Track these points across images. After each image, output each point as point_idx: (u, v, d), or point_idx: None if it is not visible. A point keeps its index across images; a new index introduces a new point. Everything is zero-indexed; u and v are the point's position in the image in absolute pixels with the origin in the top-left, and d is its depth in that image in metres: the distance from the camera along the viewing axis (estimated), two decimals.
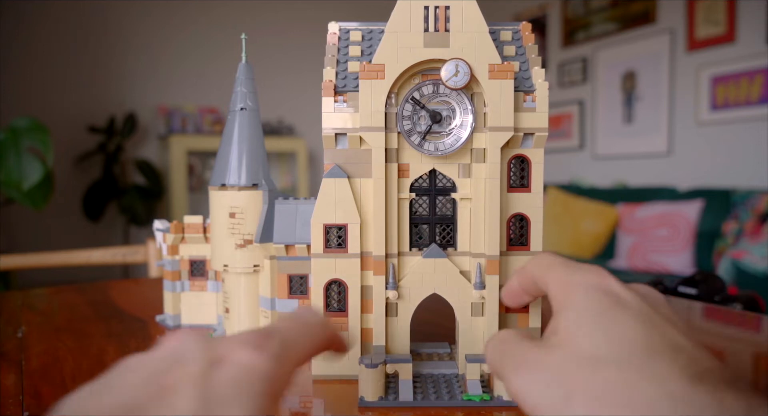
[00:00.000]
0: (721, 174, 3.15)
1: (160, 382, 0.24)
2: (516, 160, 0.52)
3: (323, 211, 0.51)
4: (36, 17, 3.56)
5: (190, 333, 0.28)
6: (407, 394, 0.46)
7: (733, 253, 2.57)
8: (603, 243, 3.32)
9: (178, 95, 3.98)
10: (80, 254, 1.27)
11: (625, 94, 3.69)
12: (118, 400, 0.23)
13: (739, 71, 3.06)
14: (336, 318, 0.52)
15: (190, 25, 4.02)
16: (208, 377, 0.25)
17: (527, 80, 0.52)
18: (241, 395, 0.24)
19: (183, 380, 0.24)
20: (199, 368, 0.25)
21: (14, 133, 1.97)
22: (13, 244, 3.34)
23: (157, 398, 0.23)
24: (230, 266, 0.62)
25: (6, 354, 0.60)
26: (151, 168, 3.80)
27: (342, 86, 0.51)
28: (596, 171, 3.88)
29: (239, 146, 0.62)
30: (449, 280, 0.51)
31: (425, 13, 0.49)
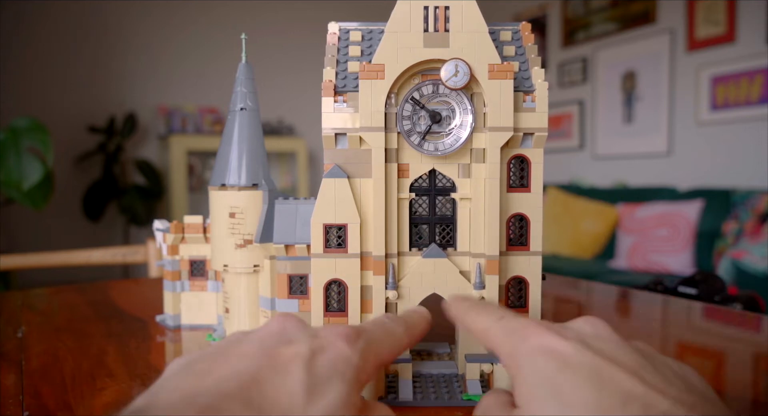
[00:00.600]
0: (721, 174, 3.15)
1: (272, 355, 0.27)
2: (516, 160, 0.52)
3: (323, 211, 0.51)
4: (36, 17, 3.56)
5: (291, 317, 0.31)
6: (407, 394, 0.46)
7: (733, 253, 2.58)
8: (603, 243, 3.32)
9: (178, 95, 3.98)
10: (80, 254, 1.27)
11: (625, 94, 3.69)
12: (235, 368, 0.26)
13: (739, 71, 3.06)
14: (336, 318, 0.52)
15: (190, 25, 4.02)
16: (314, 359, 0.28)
17: (527, 80, 0.52)
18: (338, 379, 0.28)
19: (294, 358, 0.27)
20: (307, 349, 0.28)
21: (14, 133, 1.97)
22: (13, 244, 3.34)
23: (272, 370, 0.26)
24: (230, 266, 0.62)
25: (6, 354, 0.60)
26: (151, 168, 3.80)
27: (342, 86, 0.51)
28: (596, 171, 3.88)
29: (239, 146, 0.62)
30: (449, 280, 0.51)
31: (425, 13, 0.49)
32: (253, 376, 0.25)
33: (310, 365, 0.27)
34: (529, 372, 0.32)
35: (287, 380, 0.26)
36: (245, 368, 0.26)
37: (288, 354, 0.27)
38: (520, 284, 0.52)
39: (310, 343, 0.28)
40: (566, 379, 0.30)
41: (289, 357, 0.27)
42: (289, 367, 0.26)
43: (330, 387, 0.27)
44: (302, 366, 0.27)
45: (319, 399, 0.26)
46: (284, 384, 0.26)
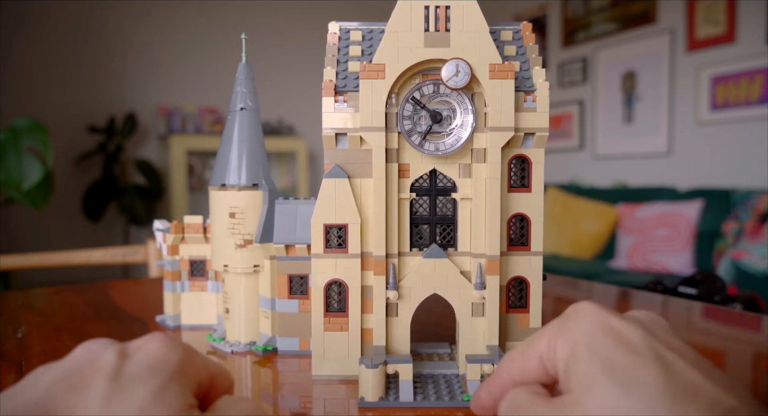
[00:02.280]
0: (721, 174, 3.15)
1: (72, 381, 0.26)
2: (516, 160, 0.52)
3: (323, 211, 0.51)
4: (36, 17, 3.56)
5: (100, 339, 0.30)
6: (407, 394, 0.46)
7: (733, 253, 2.57)
8: (603, 243, 3.32)
9: (178, 95, 3.98)
10: (80, 254, 1.27)
11: (625, 94, 3.69)
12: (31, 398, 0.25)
13: (739, 71, 3.06)
14: (336, 318, 0.52)
15: (190, 25, 4.02)
16: (122, 366, 0.27)
17: (528, 80, 0.52)
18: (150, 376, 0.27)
19: (95, 373, 0.27)
20: (111, 361, 0.27)
21: (14, 133, 1.97)
22: (13, 244, 3.34)
23: (68, 392, 0.26)
24: (230, 266, 0.62)
25: (6, 354, 0.60)
26: (151, 168, 3.80)
27: (342, 86, 0.51)
28: (596, 171, 3.88)
29: (239, 146, 0.62)
30: (449, 280, 0.51)
31: (425, 13, 0.49)
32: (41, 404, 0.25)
33: (116, 373, 0.26)
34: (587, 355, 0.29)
35: (85, 395, 0.25)
36: (42, 398, 0.25)
37: (89, 372, 0.27)
38: (521, 284, 0.52)
39: (116, 354, 0.28)
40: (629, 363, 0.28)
41: (91, 374, 0.27)
42: (90, 383, 0.26)
43: (139, 386, 0.26)
44: (105, 378, 0.26)
45: (125, 401, 0.25)
46: (81, 400, 0.25)
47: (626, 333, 0.29)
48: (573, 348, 0.30)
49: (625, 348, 0.28)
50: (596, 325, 0.30)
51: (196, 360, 0.30)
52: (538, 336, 0.32)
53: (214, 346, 0.63)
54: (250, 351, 0.61)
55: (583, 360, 0.29)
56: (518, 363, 0.33)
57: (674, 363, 0.28)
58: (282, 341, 0.60)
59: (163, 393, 0.26)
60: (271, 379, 0.54)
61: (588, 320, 0.30)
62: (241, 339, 0.62)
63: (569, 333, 0.30)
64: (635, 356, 0.28)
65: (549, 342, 0.31)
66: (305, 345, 0.59)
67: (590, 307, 0.31)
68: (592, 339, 0.29)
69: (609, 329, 0.30)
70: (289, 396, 0.50)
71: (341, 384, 0.51)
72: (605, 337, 0.29)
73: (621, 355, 0.28)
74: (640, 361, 0.28)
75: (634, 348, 0.28)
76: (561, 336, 0.31)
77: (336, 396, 0.49)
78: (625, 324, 0.30)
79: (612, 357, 0.28)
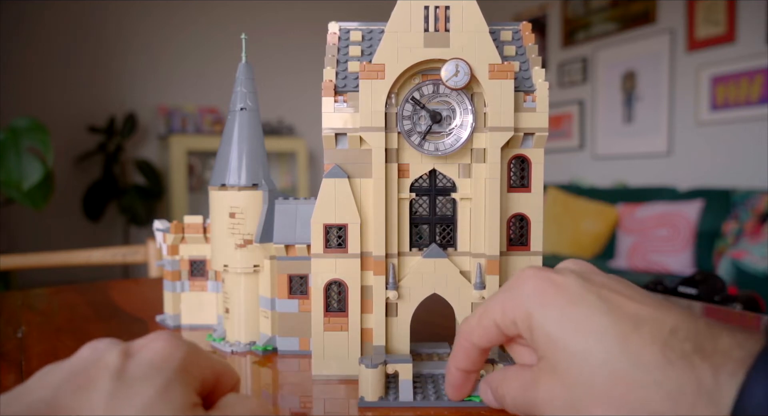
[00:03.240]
0: (721, 174, 3.15)
1: (77, 380, 0.26)
2: (516, 160, 0.52)
3: (323, 211, 0.51)
4: (36, 17, 3.56)
5: (104, 339, 0.30)
6: (407, 394, 0.46)
7: (733, 253, 2.57)
8: (603, 243, 3.32)
9: (178, 95, 3.98)
10: (80, 254, 1.27)
11: (625, 94, 3.69)
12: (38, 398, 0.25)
13: (739, 71, 3.06)
14: (336, 318, 0.52)
15: (190, 25, 4.02)
16: (126, 365, 0.27)
17: (527, 80, 0.52)
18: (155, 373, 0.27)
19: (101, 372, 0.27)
20: (116, 359, 0.27)
21: (14, 133, 1.97)
22: (13, 244, 3.34)
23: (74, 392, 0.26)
24: (230, 266, 0.62)
25: (6, 354, 0.60)
26: (151, 168, 3.80)
27: (342, 86, 0.51)
28: (596, 171, 3.88)
29: (239, 146, 0.62)
30: (449, 280, 0.51)
31: (425, 13, 0.49)
32: (48, 404, 0.25)
33: (120, 373, 0.27)
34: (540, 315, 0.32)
35: (90, 395, 0.26)
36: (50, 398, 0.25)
37: (94, 372, 0.27)
38: None
39: (120, 353, 0.28)
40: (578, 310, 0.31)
41: (96, 373, 0.27)
42: (95, 383, 0.26)
43: (144, 385, 0.26)
44: (109, 377, 0.26)
45: (129, 400, 0.26)
46: (86, 400, 0.25)
47: (567, 286, 0.33)
48: (529, 315, 0.33)
49: (571, 301, 0.32)
50: (540, 286, 0.33)
51: (201, 358, 0.30)
52: (491, 305, 0.36)
53: (213, 346, 0.63)
54: (250, 351, 0.61)
55: (542, 325, 0.32)
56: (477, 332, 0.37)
57: (614, 300, 0.31)
58: (282, 341, 0.60)
59: (167, 391, 0.27)
60: (271, 379, 0.54)
61: (531, 284, 0.34)
62: (241, 339, 0.62)
63: (521, 301, 0.34)
64: (581, 306, 0.31)
65: (504, 311, 0.35)
66: (305, 345, 0.59)
67: (530, 271, 0.35)
68: (541, 302, 0.33)
69: (552, 287, 0.33)
70: (289, 396, 0.50)
71: (341, 384, 0.51)
72: (551, 296, 0.32)
73: (569, 309, 0.31)
74: (586, 310, 0.31)
75: (578, 298, 0.32)
76: (514, 305, 0.34)
77: (336, 395, 0.49)
78: (564, 278, 0.33)
79: (563, 313, 0.32)
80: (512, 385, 0.35)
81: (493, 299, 0.36)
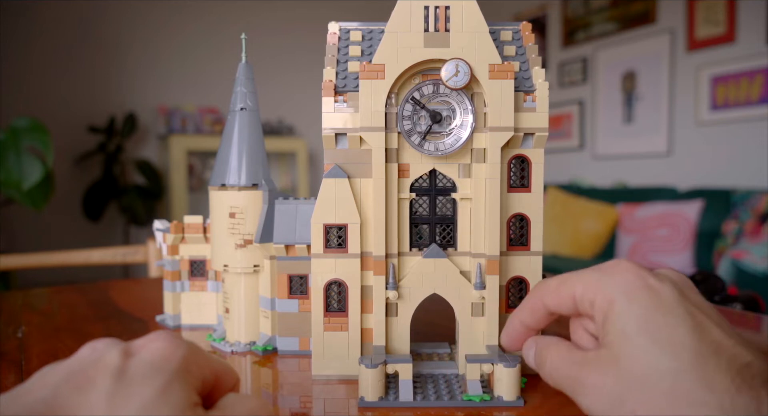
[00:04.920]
0: (721, 174, 3.15)
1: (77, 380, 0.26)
2: (516, 160, 0.52)
3: (323, 211, 0.51)
4: (35, 17, 3.56)
5: (104, 339, 0.30)
6: (407, 394, 0.46)
7: (733, 253, 2.57)
8: (603, 243, 3.32)
9: (178, 95, 3.98)
10: (80, 254, 1.27)
11: (625, 94, 3.69)
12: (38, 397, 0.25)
13: (739, 71, 3.06)
14: (336, 318, 0.52)
15: (190, 25, 4.02)
16: (126, 364, 0.27)
17: (527, 80, 0.52)
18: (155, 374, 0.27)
19: (100, 372, 0.27)
20: (116, 359, 0.27)
21: (14, 133, 1.97)
22: (13, 244, 3.34)
23: (73, 392, 0.26)
24: (230, 266, 0.62)
25: (6, 354, 0.60)
26: (151, 168, 3.80)
27: (342, 86, 0.51)
28: (596, 171, 3.88)
29: (239, 146, 0.62)
30: (449, 280, 0.51)
31: (425, 13, 0.49)
32: (47, 404, 0.25)
33: (120, 372, 0.27)
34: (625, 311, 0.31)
35: (90, 395, 0.26)
36: (50, 398, 0.25)
37: (93, 372, 0.27)
38: (521, 284, 0.52)
39: (120, 353, 0.28)
40: (664, 318, 0.30)
41: (95, 373, 0.27)
42: (95, 383, 0.26)
43: (143, 385, 0.26)
44: (109, 377, 0.26)
45: (129, 400, 0.26)
46: (86, 400, 0.25)
47: (661, 292, 0.32)
48: (611, 304, 0.32)
49: (660, 307, 0.31)
50: (634, 282, 0.33)
51: (201, 358, 0.30)
52: (576, 279, 0.35)
53: (213, 346, 0.63)
54: (250, 350, 0.61)
55: (621, 317, 0.32)
56: (552, 296, 0.36)
57: (702, 323, 0.31)
58: (282, 341, 0.60)
59: (166, 391, 0.27)
60: (271, 379, 0.54)
61: (626, 276, 0.33)
62: (241, 339, 0.62)
63: (608, 287, 0.33)
64: (669, 315, 0.31)
65: (586, 288, 0.34)
66: (305, 345, 0.59)
67: (629, 264, 0.34)
68: (629, 296, 0.32)
69: (646, 287, 0.32)
70: (288, 395, 0.50)
71: (341, 384, 0.51)
72: (642, 295, 0.32)
73: (656, 314, 0.31)
74: (673, 320, 0.31)
75: (668, 307, 0.31)
76: (600, 288, 0.33)
77: (336, 395, 0.49)
78: (661, 283, 0.33)
79: (647, 315, 0.31)
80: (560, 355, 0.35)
81: (580, 273, 0.36)
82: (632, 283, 0.33)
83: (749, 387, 0.28)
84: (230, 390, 0.32)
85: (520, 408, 0.45)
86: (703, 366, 0.29)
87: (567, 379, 0.34)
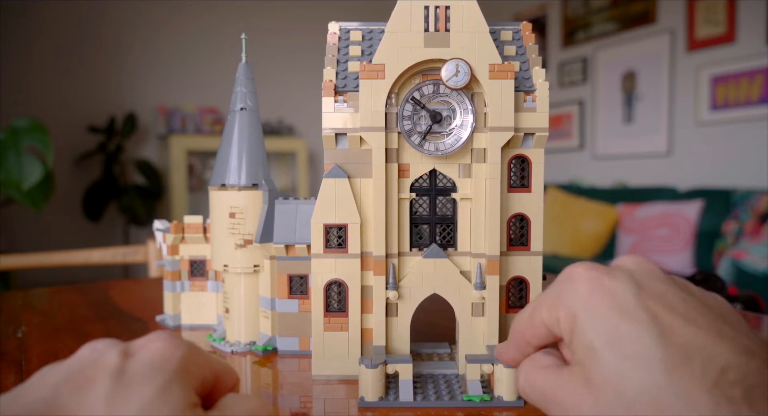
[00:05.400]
0: (721, 174, 3.15)
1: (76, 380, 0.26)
2: (516, 160, 0.52)
3: (323, 211, 0.51)
4: (35, 17, 3.56)
5: (104, 339, 0.30)
6: (407, 394, 0.46)
7: (733, 253, 2.57)
8: (603, 243, 3.32)
9: (178, 95, 3.98)
10: (80, 254, 1.27)
11: (625, 94, 3.68)
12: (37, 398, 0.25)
13: (739, 71, 3.06)
14: (336, 318, 0.52)
15: (190, 25, 4.02)
16: (126, 365, 0.27)
17: (527, 80, 0.52)
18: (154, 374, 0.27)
19: (100, 372, 0.27)
20: (115, 359, 0.27)
21: (14, 133, 1.97)
22: (13, 244, 3.34)
23: (73, 392, 0.26)
24: (230, 266, 0.62)
25: (6, 354, 0.60)
26: (151, 168, 3.80)
27: (342, 86, 0.51)
28: (596, 171, 3.88)
29: (239, 146, 0.62)
30: (449, 280, 0.51)
31: (425, 13, 0.49)
32: (47, 404, 0.25)
33: (119, 373, 0.27)
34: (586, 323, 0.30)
35: (89, 395, 0.26)
36: (50, 398, 0.25)
37: (93, 372, 0.27)
38: (521, 284, 0.52)
39: (119, 353, 0.28)
40: (627, 328, 0.29)
41: (94, 373, 0.27)
42: (94, 383, 0.26)
43: (142, 385, 0.26)
44: (108, 377, 0.26)
45: (128, 400, 0.26)
46: (85, 400, 0.25)
47: (618, 294, 0.31)
48: (573, 319, 0.31)
49: (621, 314, 0.30)
50: (590, 290, 0.31)
51: (200, 358, 0.30)
52: (539, 303, 0.34)
53: (213, 346, 0.63)
54: (250, 350, 0.61)
55: (585, 332, 0.30)
56: (529, 330, 0.35)
57: (667, 324, 0.29)
58: (282, 341, 0.60)
59: (166, 391, 0.27)
60: (271, 379, 0.54)
61: (580, 285, 0.32)
62: (241, 339, 0.62)
63: (568, 300, 0.32)
64: (631, 324, 0.29)
65: (549, 310, 0.33)
66: (305, 345, 0.59)
67: (582, 269, 0.33)
68: (588, 307, 0.31)
69: (602, 292, 0.31)
70: (289, 396, 0.50)
71: (341, 384, 0.51)
72: (600, 303, 0.31)
73: (619, 323, 0.30)
74: (636, 329, 0.29)
75: (629, 313, 0.30)
76: (560, 304, 0.32)
77: (336, 395, 0.49)
78: (616, 283, 0.31)
79: (610, 326, 0.30)
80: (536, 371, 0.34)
81: (541, 297, 0.34)
82: (587, 291, 0.31)
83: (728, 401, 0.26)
84: (230, 390, 0.32)
85: (520, 409, 0.45)
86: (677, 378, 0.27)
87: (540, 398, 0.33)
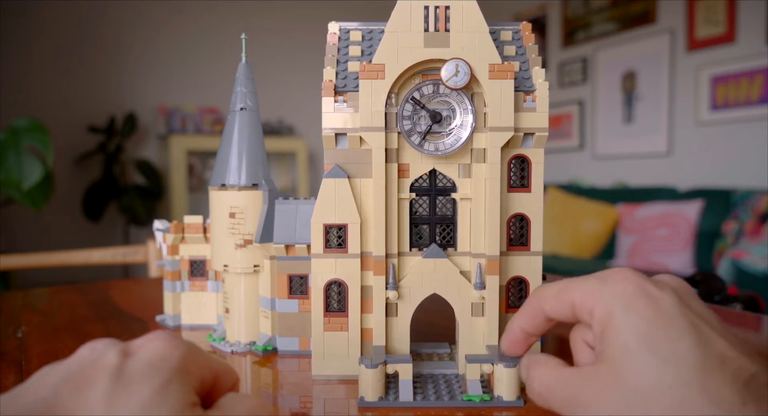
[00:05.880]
0: (721, 174, 3.15)
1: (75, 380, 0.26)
2: (516, 160, 0.52)
3: (323, 211, 0.51)
4: (35, 17, 3.56)
5: (103, 339, 0.30)
6: (407, 394, 0.46)
7: (733, 253, 2.57)
8: (603, 243, 3.32)
9: (178, 95, 3.98)
10: (80, 254, 1.27)
11: (625, 94, 3.69)
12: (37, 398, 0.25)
13: (739, 71, 3.06)
14: (336, 318, 0.52)
15: (190, 25, 4.02)
16: (125, 364, 0.27)
17: (527, 80, 0.52)
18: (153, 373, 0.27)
19: (99, 372, 0.27)
20: (114, 359, 0.27)
21: (14, 133, 1.97)
22: (13, 244, 3.34)
23: (73, 392, 0.26)
24: (230, 266, 0.62)
25: (6, 354, 0.60)
26: (151, 168, 3.80)
27: (342, 86, 0.51)
28: (596, 171, 3.88)
29: (239, 146, 0.62)
30: (449, 280, 0.51)
31: (425, 13, 0.49)
32: (47, 404, 0.25)
33: (119, 372, 0.27)
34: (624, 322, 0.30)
35: (88, 395, 0.26)
36: (50, 398, 0.26)
37: (92, 372, 0.27)
38: (521, 284, 0.52)
39: (119, 353, 0.28)
40: (666, 331, 0.29)
41: (94, 373, 0.27)
42: (93, 383, 0.26)
43: (141, 384, 0.26)
44: (107, 377, 0.26)
45: (127, 400, 0.26)
46: (85, 400, 0.26)
47: (662, 302, 0.31)
48: (611, 315, 0.31)
49: (661, 319, 0.30)
50: (634, 292, 0.31)
51: (199, 357, 0.30)
52: (576, 286, 0.34)
53: (213, 346, 0.63)
54: (250, 350, 0.61)
55: (622, 330, 0.30)
56: (552, 302, 0.35)
57: (706, 334, 0.30)
58: (282, 341, 0.60)
59: (165, 391, 0.27)
60: (271, 379, 0.54)
61: (625, 286, 0.32)
62: (241, 339, 0.62)
63: (608, 297, 0.32)
64: (671, 328, 0.30)
65: (585, 296, 0.33)
66: (305, 345, 0.59)
67: (628, 273, 0.33)
68: (629, 307, 0.31)
69: (646, 297, 0.31)
70: (288, 396, 0.50)
71: (341, 384, 0.51)
72: (642, 306, 0.31)
73: (657, 326, 0.30)
74: (676, 333, 0.29)
75: (670, 319, 0.30)
76: (599, 297, 0.32)
77: (336, 395, 0.49)
78: (661, 292, 0.31)
79: (649, 328, 0.30)
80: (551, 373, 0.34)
81: (580, 280, 0.34)
82: (632, 293, 0.31)
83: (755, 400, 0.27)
84: (230, 390, 0.32)
85: (520, 408, 0.45)
86: (708, 380, 0.28)
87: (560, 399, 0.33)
